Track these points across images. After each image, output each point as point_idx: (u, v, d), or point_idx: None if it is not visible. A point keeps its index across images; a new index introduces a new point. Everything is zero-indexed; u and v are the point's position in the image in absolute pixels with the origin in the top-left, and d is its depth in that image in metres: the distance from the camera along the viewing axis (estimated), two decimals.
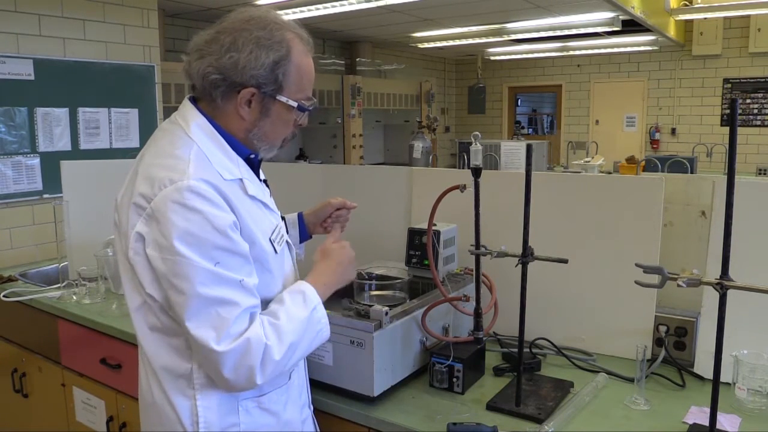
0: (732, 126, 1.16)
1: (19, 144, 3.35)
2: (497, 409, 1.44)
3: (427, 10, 5.86)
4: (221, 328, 1.10)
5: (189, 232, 1.10)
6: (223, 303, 1.11)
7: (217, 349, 1.10)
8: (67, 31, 3.53)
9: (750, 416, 1.41)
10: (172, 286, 1.11)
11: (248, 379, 1.13)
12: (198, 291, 1.10)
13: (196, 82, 1.24)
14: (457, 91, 10.78)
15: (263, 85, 1.22)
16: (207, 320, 1.10)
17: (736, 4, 6.23)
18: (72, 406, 2.37)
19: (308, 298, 1.25)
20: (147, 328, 1.22)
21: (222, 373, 1.12)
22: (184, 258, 1.09)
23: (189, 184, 1.12)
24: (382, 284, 1.78)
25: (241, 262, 1.16)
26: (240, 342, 1.11)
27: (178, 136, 1.22)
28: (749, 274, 1.28)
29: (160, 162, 1.17)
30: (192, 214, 1.11)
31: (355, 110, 7.21)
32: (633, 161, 6.32)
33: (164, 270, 1.12)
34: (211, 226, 1.11)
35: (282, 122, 1.29)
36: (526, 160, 1.43)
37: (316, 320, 1.25)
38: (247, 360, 1.12)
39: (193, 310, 1.10)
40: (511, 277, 1.47)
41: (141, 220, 1.14)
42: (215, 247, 1.12)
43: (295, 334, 1.19)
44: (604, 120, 9.32)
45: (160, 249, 1.11)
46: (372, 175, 2.36)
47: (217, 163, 1.20)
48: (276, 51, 1.21)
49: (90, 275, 2.35)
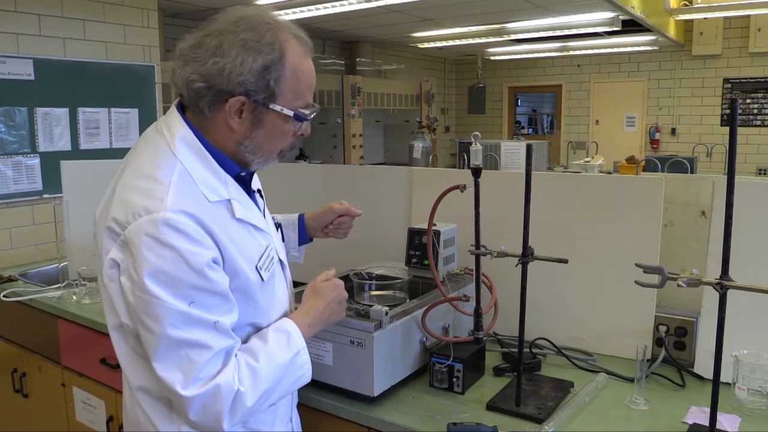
0: (732, 126, 1.16)
1: (19, 144, 3.35)
2: (497, 409, 1.44)
3: (427, 10, 5.86)
4: (190, 372, 1.03)
5: (162, 270, 1.02)
6: (194, 346, 1.04)
7: (183, 394, 1.03)
8: (67, 31, 3.53)
9: (750, 416, 1.40)
10: (142, 323, 1.05)
11: (214, 423, 1.06)
12: (167, 333, 1.02)
13: (182, 91, 1.14)
14: (457, 91, 10.78)
15: (253, 93, 1.10)
16: (175, 363, 1.04)
17: (736, 4, 6.23)
18: (72, 406, 2.37)
19: (293, 341, 1.18)
20: (127, 349, 1.15)
21: (188, 416, 1.06)
22: (155, 298, 1.02)
23: (165, 217, 1.03)
24: (382, 284, 1.78)
25: (217, 301, 1.08)
26: (209, 387, 1.04)
27: (162, 152, 1.12)
28: (749, 274, 1.28)
29: (138, 184, 1.08)
30: (166, 250, 1.02)
31: (355, 110, 7.21)
32: (633, 161, 6.32)
33: (135, 305, 1.05)
34: (187, 264, 1.03)
35: (278, 133, 1.17)
36: (526, 160, 1.43)
37: (299, 365, 1.18)
38: (215, 406, 1.05)
39: (161, 351, 1.04)
40: (511, 277, 1.47)
41: (115, 246, 1.07)
42: (190, 287, 1.04)
43: (272, 380, 1.12)
44: (604, 120, 9.32)
45: (132, 283, 1.04)
46: (372, 175, 2.36)
47: (201, 183, 1.11)
48: (266, 54, 1.10)
49: (90, 275, 2.34)
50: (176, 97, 1.21)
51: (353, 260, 2.01)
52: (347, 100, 7.13)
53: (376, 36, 7.73)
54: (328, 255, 2.12)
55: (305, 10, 5.42)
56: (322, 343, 1.49)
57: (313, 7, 5.31)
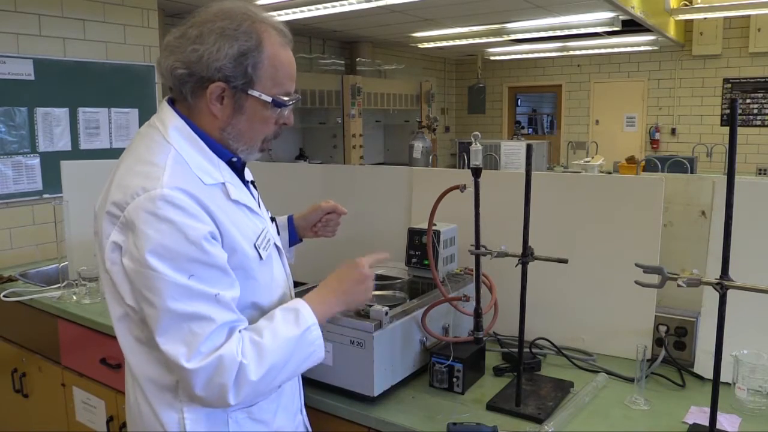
0: (732, 126, 1.16)
1: (19, 144, 3.35)
2: (497, 409, 1.44)
3: (427, 10, 5.86)
4: (192, 344, 1.05)
5: (161, 243, 1.05)
6: (196, 318, 1.05)
7: (186, 366, 1.04)
8: (67, 31, 3.54)
9: (750, 416, 1.40)
10: (144, 299, 1.07)
11: (220, 398, 1.07)
12: (169, 306, 1.04)
13: (168, 81, 1.19)
14: (457, 91, 10.78)
15: (231, 79, 1.14)
16: (178, 336, 1.05)
17: (736, 4, 6.23)
18: (72, 406, 2.37)
19: (302, 317, 1.18)
20: (131, 339, 1.17)
21: (194, 390, 1.06)
22: (155, 272, 1.04)
23: (162, 193, 1.06)
24: (382, 284, 1.78)
25: (217, 274, 1.09)
26: (211, 359, 1.05)
27: (156, 141, 1.16)
28: (749, 274, 1.28)
29: (135, 168, 1.12)
30: (164, 224, 1.05)
31: (355, 110, 7.21)
32: (633, 161, 6.32)
33: (137, 282, 1.07)
34: (185, 237, 1.06)
35: (259, 120, 1.20)
36: (526, 160, 1.43)
37: (309, 342, 1.17)
38: (219, 378, 1.05)
39: (164, 325, 1.05)
40: (511, 277, 1.47)
41: (115, 228, 1.09)
42: (189, 260, 1.06)
43: (279, 355, 1.12)
44: (604, 120, 9.32)
45: (133, 260, 1.07)
46: (372, 175, 2.36)
47: (196, 167, 1.14)
48: (242, 41, 1.14)
49: (90, 275, 2.34)
50: (165, 97, 1.27)
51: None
52: (347, 100, 7.13)
53: (376, 36, 7.73)
54: (329, 255, 2.12)
55: (305, 10, 5.42)
56: None
57: (313, 7, 5.31)
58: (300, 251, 1.77)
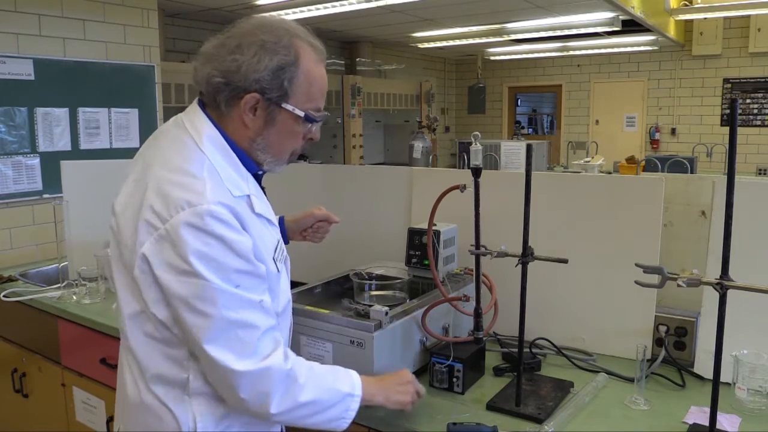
0: (732, 126, 1.16)
1: (19, 144, 3.35)
2: (497, 409, 1.44)
3: (427, 10, 5.86)
4: (242, 351, 1.10)
5: (209, 256, 1.08)
6: (244, 326, 1.10)
7: (236, 369, 1.09)
8: (67, 31, 3.53)
9: (750, 416, 1.41)
10: (192, 308, 1.09)
11: (263, 403, 1.12)
12: (222, 314, 1.08)
13: (202, 88, 1.21)
14: (457, 91, 10.78)
15: (267, 91, 1.17)
16: (227, 343, 1.09)
17: (736, 4, 6.24)
18: (72, 406, 2.37)
19: (354, 384, 1.24)
20: (143, 336, 1.17)
21: (238, 393, 1.10)
22: (206, 281, 1.07)
23: (209, 209, 1.08)
24: (382, 284, 1.78)
25: (258, 283, 1.15)
26: (261, 366, 1.11)
27: (190, 148, 1.17)
28: (749, 274, 1.28)
29: (174, 178, 1.12)
30: (212, 239, 1.08)
31: (355, 110, 7.21)
32: (633, 161, 6.32)
33: (183, 292, 1.08)
34: (232, 251, 1.10)
35: (288, 133, 1.23)
36: (526, 160, 1.43)
37: (346, 406, 1.22)
38: (265, 386, 1.11)
39: (215, 333, 1.09)
40: (511, 277, 1.47)
41: (151, 239, 1.10)
42: (235, 271, 1.10)
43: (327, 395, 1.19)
44: (604, 120, 9.32)
45: (178, 272, 1.08)
46: (372, 175, 2.36)
47: (227, 179, 1.16)
48: (282, 56, 1.16)
49: (90, 275, 2.34)
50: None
51: (353, 260, 2.01)
52: (347, 100, 7.13)
53: (376, 36, 7.73)
54: (329, 255, 2.12)
55: (305, 10, 5.42)
56: (322, 343, 1.49)
57: (313, 7, 5.31)
58: (300, 251, 1.76)
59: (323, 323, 1.50)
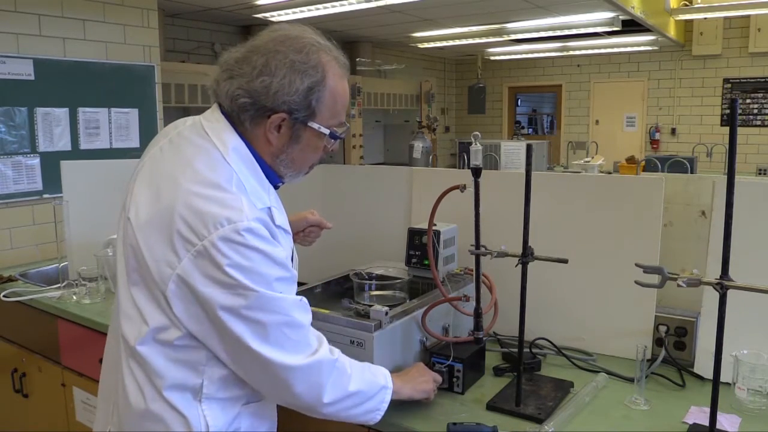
0: (732, 126, 1.16)
1: (19, 144, 3.35)
2: (497, 409, 1.44)
3: (427, 10, 5.86)
4: (293, 348, 1.14)
5: (251, 269, 1.10)
6: (292, 325, 1.15)
7: (290, 364, 1.13)
8: (67, 31, 3.53)
9: (750, 416, 1.40)
10: (244, 318, 1.11)
11: (317, 395, 1.17)
12: (273, 319, 1.12)
13: (224, 103, 1.19)
14: (457, 91, 10.78)
15: (295, 111, 1.17)
16: (280, 343, 1.13)
17: (736, 4, 6.24)
18: (72, 406, 2.37)
19: (387, 378, 1.31)
20: (160, 347, 1.15)
21: (293, 388, 1.15)
22: (254, 291, 1.10)
23: (249, 227, 1.10)
24: (382, 284, 1.78)
25: (294, 284, 1.19)
26: (312, 360, 1.15)
27: (216, 160, 1.16)
28: (749, 274, 1.28)
29: (206, 192, 1.11)
30: (252, 252, 1.10)
31: (355, 110, 7.21)
32: (633, 161, 6.32)
33: (231, 303, 1.09)
34: (272, 261, 1.12)
35: (311, 149, 1.24)
36: (526, 160, 1.43)
37: (381, 398, 1.28)
38: (317, 378, 1.16)
39: (269, 336, 1.12)
40: (511, 277, 1.47)
41: (189, 256, 1.09)
42: (277, 279, 1.13)
43: (369, 387, 1.25)
44: (604, 120, 9.32)
45: (222, 286, 1.09)
46: (372, 175, 2.36)
47: (251, 192, 1.16)
48: (311, 76, 1.16)
49: (90, 275, 2.34)
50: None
51: (353, 260, 2.01)
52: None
53: (376, 36, 7.73)
54: (329, 255, 2.12)
55: (305, 10, 5.42)
56: None
57: (313, 7, 5.31)
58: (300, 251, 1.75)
59: (323, 323, 1.50)
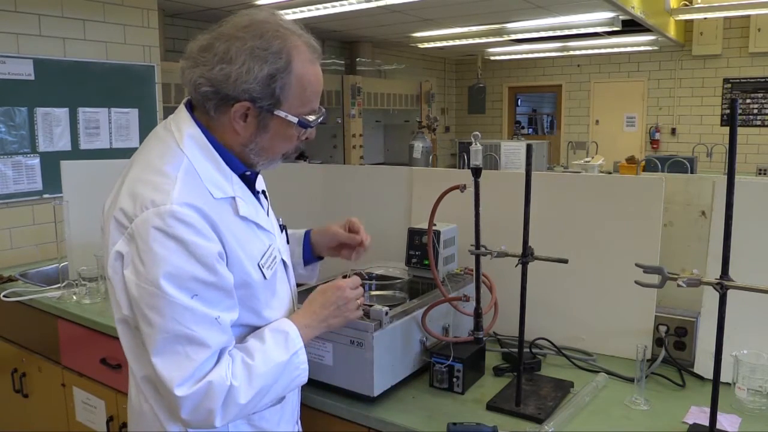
0: (732, 126, 1.16)
1: (19, 144, 3.35)
2: (497, 409, 1.44)
3: (427, 10, 5.86)
4: (186, 370, 1.04)
5: (168, 261, 1.03)
6: (193, 342, 1.05)
7: (176, 394, 1.04)
8: (67, 31, 3.53)
9: (750, 416, 1.40)
10: (143, 316, 1.05)
11: (206, 420, 1.07)
12: (168, 326, 1.04)
13: (190, 92, 1.17)
14: (457, 91, 10.78)
15: (258, 100, 1.12)
16: (172, 359, 1.05)
17: (736, 4, 6.24)
18: (72, 406, 2.37)
19: (290, 340, 1.18)
20: (131, 341, 1.16)
21: (180, 415, 1.07)
22: (159, 290, 1.03)
23: (171, 210, 1.04)
24: (382, 284, 1.78)
25: (220, 296, 1.09)
26: (201, 385, 1.05)
27: (170, 148, 1.14)
28: (749, 274, 1.28)
29: (146, 177, 1.10)
30: (173, 242, 1.04)
31: (355, 110, 7.21)
32: (633, 161, 6.32)
33: (137, 296, 1.05)
34: (193, 256, 1.05)
35: (282, 137, 1.19)
36: (526, 160, 1.43)
37: (295, 366, 1.18)
38: (207, 403, 1.06)
39: (161, 346, 1.04)
40: (511, 277, 1.47)
41: (122, 239, 1.07)
42: (194, 279, 1.05)
43: (268, 378, 1.13)
44: (604, 120, 9.32)
45: (137, 275, 1.05)
46: (372, 175, 2.36)
47: (208, 180, 1.12)
48: (272, 63, 1.11)
49: (90, 275, 2.34)
50: (182, 96, 1.24)
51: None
52: (347, 100, 7.13)
53: (376, 36, 7.73)
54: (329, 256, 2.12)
55: (305, 10, 5.41)
56: (322, 343, 1.49)
57: (313, 7, 5.31)
58: None
59: None
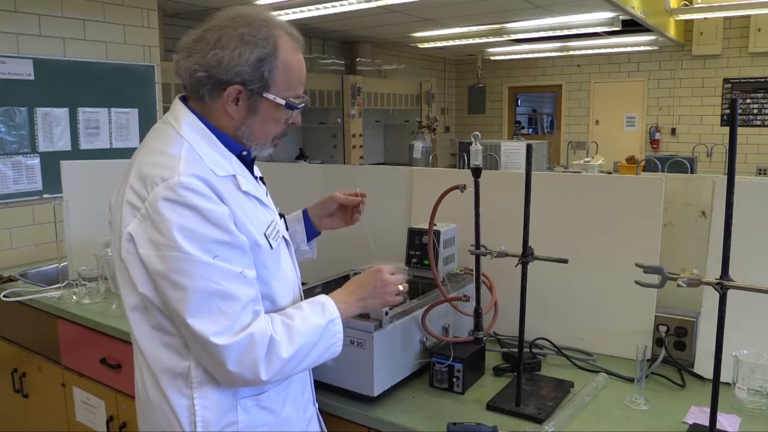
0: (732, 126, 1.16)
1: (19, 144, 3.35)
2: (497, 409, 1.44)
3: (427, 10, 5.86)
4: (222, 323, 1.10)
5: (185, 227, 1.10)
6: (225, 297, 1.11)
7: (219, 343, 1.09)
8: (67, 31, 3.53)
9: (750, 416, 1.40)
10: (171, 282, 1.10)
11: (253, 373, 1.12)
12: (199, 285, 1.10)
13: (185, 81, 1.24)
14: (457, 91, 10.78)
15: (249, 83, 1.21)
16: (209, 315, 1.10)
17: (736, 4, 6.23)
18: (72, 406, 2.37)
19: (327, 310, 1.26)
20: (143, 327, 1.20)
21: (226, 367, 1.11)
22: (183, 253, 1.09)
23: (180, 181, 1.11)
24: None
25: (239, 253, 1.16)
26: (243, 335, 1.11)
27: (170, 135, 1.22)
28: (749, 274, 1.28)
29: (152, 160, 1.17)
30: (186, 209, 1.11)
31: (355, 110, 7.21)
32: (633, 161, 6.32)
33: (162, 267, 1.10)
34: (207, 220, 1.11)
35: (271, 120, 1.27)
36: (526, 160, 1.43)
37: (331, 333, 1.24)
38: (251, 354, 1.11)
39: (195, 305, 1.10)
40: (511, 277, 1.47)
41: (135, 220, 1.13)
42: (213, 241, 1.11)
43: (308, 338, 1.19)
44: (604, 120, 9.32)
45: (157, 246, 1.11)
46: (372, 175, 2.36)
47: (209, 161, 1.19)
48: (261, 48, 1.20)
49: (90, 275, 2.34)
50: (178, 95, 1.31)
51: (353, 260, 2.00)
52: (347, 100, 7.13)
53: (376, 36, 7.73)
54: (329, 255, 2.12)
55: (305, 10, 5.41)
56: None
57: (313, 7, 5.30)
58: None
59: None
